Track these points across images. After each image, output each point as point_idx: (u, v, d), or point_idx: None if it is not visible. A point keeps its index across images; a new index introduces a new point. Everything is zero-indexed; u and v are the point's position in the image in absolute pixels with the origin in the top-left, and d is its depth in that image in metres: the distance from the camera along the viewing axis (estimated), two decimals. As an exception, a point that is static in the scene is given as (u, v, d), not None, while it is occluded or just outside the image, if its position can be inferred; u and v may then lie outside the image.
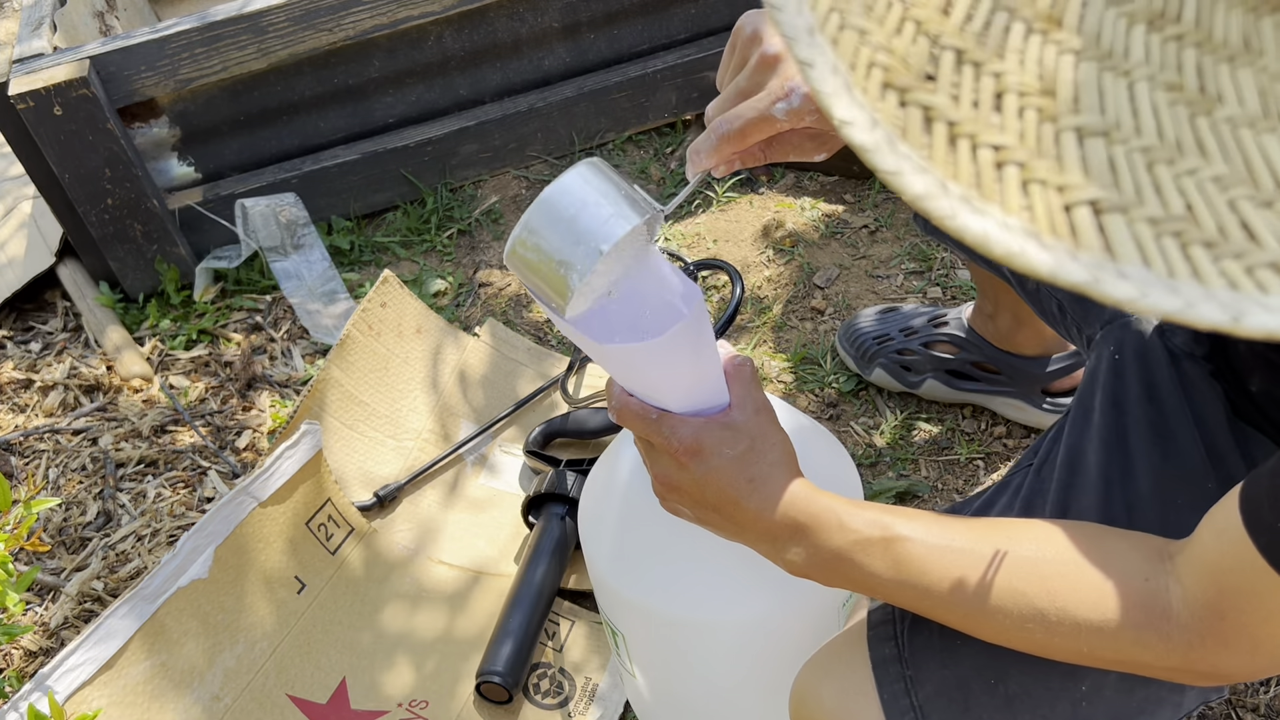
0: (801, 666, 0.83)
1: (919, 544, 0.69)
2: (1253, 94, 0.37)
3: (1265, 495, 0.59)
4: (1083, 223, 0.38)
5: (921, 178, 0.39)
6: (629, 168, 1.93)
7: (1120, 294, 0.37)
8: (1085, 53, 0.38)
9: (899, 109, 0.39)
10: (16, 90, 1.56)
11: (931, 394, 1.48)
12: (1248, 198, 0.37)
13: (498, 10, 1.79)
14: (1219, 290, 0.37)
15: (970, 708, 0.76)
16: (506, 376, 1.61)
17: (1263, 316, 0.36)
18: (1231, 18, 0.37)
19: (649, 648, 1.01)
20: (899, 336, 1.48)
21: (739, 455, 0.73)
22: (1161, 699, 0.78)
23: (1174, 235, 0.37)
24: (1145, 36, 0.38)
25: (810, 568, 0.73)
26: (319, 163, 1.82)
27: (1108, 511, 0.82)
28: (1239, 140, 0.37)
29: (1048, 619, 0.65)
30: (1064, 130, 0.38)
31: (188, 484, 1.57)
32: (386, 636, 1.33)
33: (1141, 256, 0.37)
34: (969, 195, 0.39)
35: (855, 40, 0.40)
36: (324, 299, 1.79)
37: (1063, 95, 0.38)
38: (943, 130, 0.39)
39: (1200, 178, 0.38)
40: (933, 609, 0.70)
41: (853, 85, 0.39)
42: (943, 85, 0.39)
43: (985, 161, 0.39)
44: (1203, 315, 0.36)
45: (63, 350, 1.79)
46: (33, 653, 1.40)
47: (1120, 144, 0.38)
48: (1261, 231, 0.37)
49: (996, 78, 0.39)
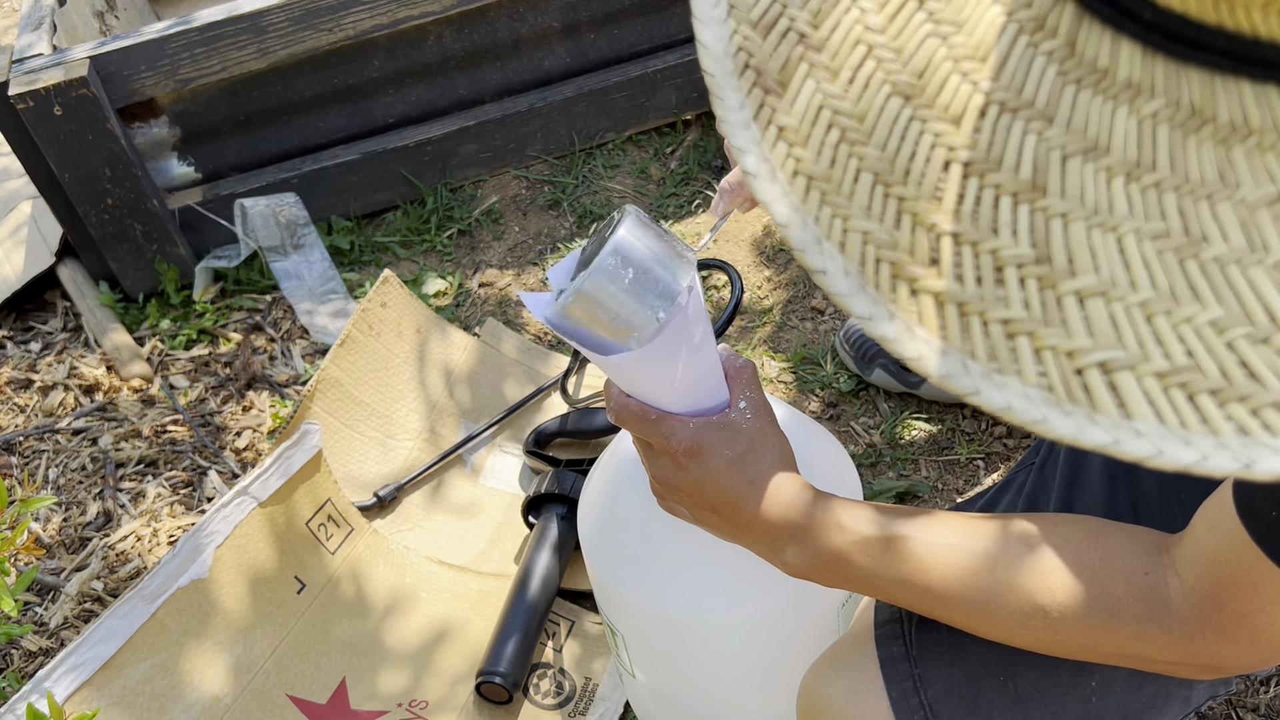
0: (809, 667, 0.83)
1: (919, 543, 0.69)
2: (1235, 229, 0.38)
3: (1259, 485, 0.59)
4: (1095, 385, 0.39)
5: (944, 360, 0.41)
6: (629, 167, 1.93)
7: (1139, 452, 0.38)
8: (1072, 214, 0.40)
9: (911, 299, 0.41)
10: (16, 90, 1.56)
11: (932, 394, 1.48)
12: (1245, 336, 0.38)
13: (498, 10, 1.79)
14: (1230, 439, 0.38)
15: (980, 705, 0.76)
16: (506, 376, 1.61)
17: (1274, 461, 0.37)
18: (1204, 154, 0.38)
19: (649, 648, 1.01)
20: None
21: (738, 456, 0.73)
22: (1171, 694, 0.78)
23: (1180, 386, 0.38)
24: (1125, 188, 0.39)
25: (809, 569, 0.73)
26: (319, 163, 1.82)
27: (1112, 508, 0.82)
28: (1229, 278, 0.38)
29: (1049, 616, 0.65)
30: (1065, 295, 0.40)
31: (188, 484, 1.57)
32: (386, 636, 1.33)
33: (1154, 412, 0.38)
34: (988, 371, 0.40)
35: (860, 242, 0.42)
36: (324, 299, 1.79)
37: (1058, 260, 0.40)
38: (953, 312, 0.41)
39: (1197, 323, 0.39)
40: (934, 608, 0.70)
41: (865, 284, 0.42)
42: (946, 269, 0.41)
43: (998, 336, 0.40)
44: (1218, 466, 0.38)
45: (63, 350, 1.79)
46: (33, 653, 1.40)
47: (1119, 300, 0.39)
48: (1262, 370, 0.38)
49: (994, 254, 0.40)
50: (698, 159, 1.92)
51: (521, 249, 1.84)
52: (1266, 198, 0.38)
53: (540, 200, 1.90)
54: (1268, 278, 0.38)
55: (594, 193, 1.90)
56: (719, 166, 1.91)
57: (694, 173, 1.90)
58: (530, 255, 1.83)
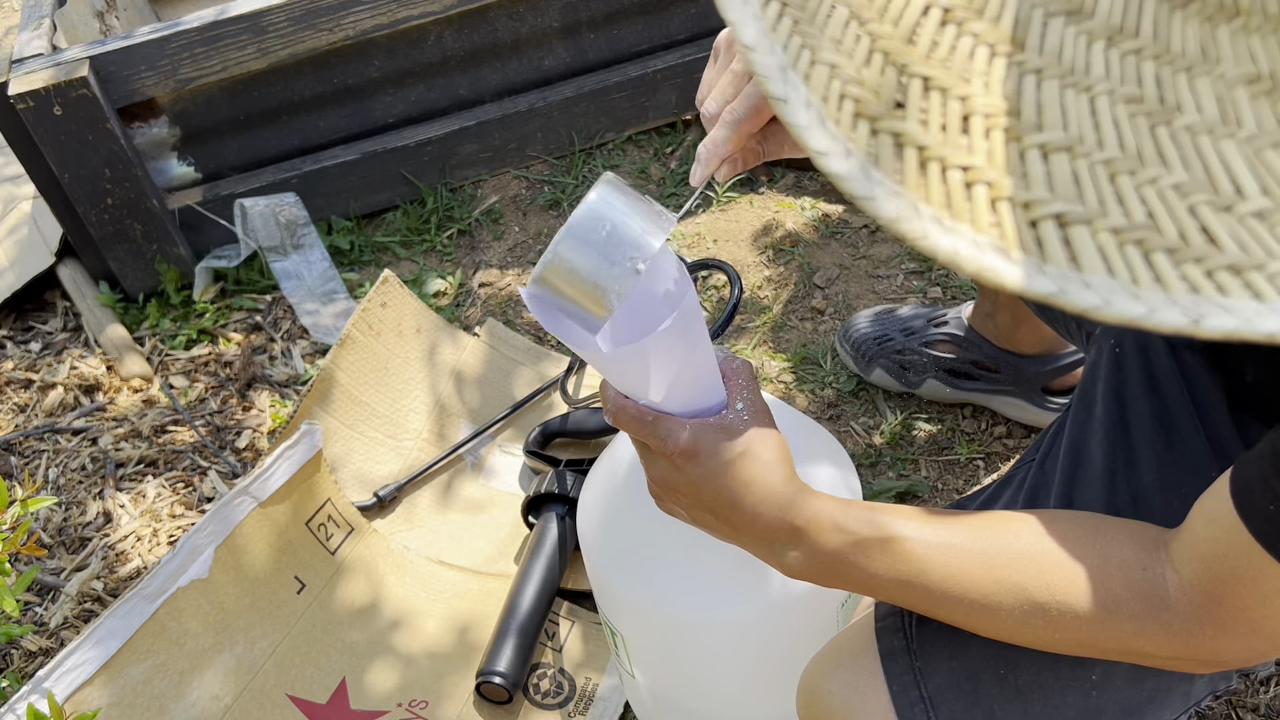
0: (808, 662, 0.83)
1: (917, 542, 0.69)
2: (1210, 101, 0.38)
3: (1256, 479, 0.59)
4: (1049, 236, 0.39)
5: (894, 202, 0.40)
6: (629, 167, 1.93)
7: (1085, 303, 0.38)
8: (1047, 71, 0.40)
9: (871, 137, 0.41)
10: (16, 90, 1.56)
11: (931, 394, 1.48)
12: (1208, 203, 0.38)
13: (498, 10, 1.79)
14: (1180, 295, 0.38)
15: (980, 699, 0.76)
16: (506, 376, 1.61)
17: (1222, 318, 0.37)
18: (1188, 28, 0.38)
19: (648, 647, 1.01)
20: (899, 337, 1.48)
21: (735, 458, 0.72)
22: (1171, 688, 0.78)
23: (1136, 243, 0.38)
24: (1105, 52, 0.39)
25: (808, 570, 0.73)
26: (319, 163, 1.82)
27: (1113, 502, 0.82)
28: (1198, 147, 0.38)
29: (1048, 613, 0.65)
30: (1029, 148, 0.40)
31: (188, 484, 1.57)
32: (387, 636, 1.33)
33: (1105, 266, 0.38)
34: (940, 216, 0.40)
35: (826, 75, 0.41)
36: (324, 299, 1.79)
37: (1027, 114, 0.40)
38: (913, 155, 0.41)
39: (1161, 186, 0.38)
40: (934, 608, 0.70)
41: (826, 118, 0.41)
42: (912, 112, 0.41)
43: (955, 183, 0.40)
44: (1164, 320, 0.37)
45: (63, 350, 1.79)
46: (33, 653, 1.40)
47: (1084, 158, 0.39)
48: (1221, 235, 0.38)
49: (963, 101, 0.40)
50: (698, 159, 1.92)
51: (521, 249, 1.84)
52: (1246, 76, 0.38)
53: (540, 200, 1.90)
54: (1238, 151, 0.38)
55: (594, 193, 1.90)
56: (719, 166, 1.91)
57: (694, 173, 1.90)
58: (530, 255, 1.83)
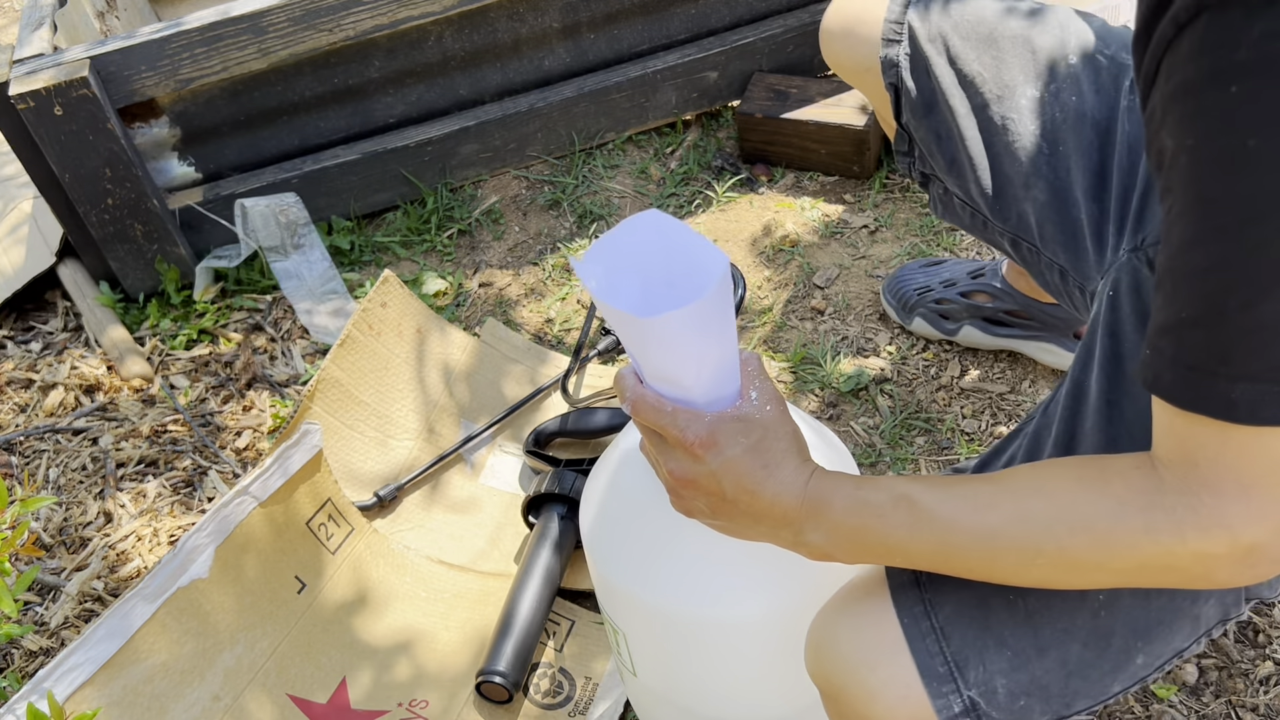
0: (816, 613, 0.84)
1: (929, 497, 0.71)
2: None
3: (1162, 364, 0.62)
4: None
5: None
6: (629, 168, 1.93)
7: None
8: None
9: None
10: (16, 90, 1.56)
11: (969, 340, 1.55)
12: None
13: (498, 10, 1.79)
14: None
15: (991, 625, 0.77)
16: (506, 376, 1.61)
17: None
18: None
19: (651, 646, 1.02)
20: (939, 288, 1.55)
21: (753, 445, 0.74)
22: (1179, 609, 0.79)
23: None
24: None
25: (832, 545, 0.75)
26: (319, 163, 1.82)
27: (1109, 432, 0.84)
28: None
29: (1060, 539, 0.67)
30: None
31: (188, 484, 1.57)
32: (386, 636, 1.33)
33: None
34: None
35: None
36: (324, 299, 1.79)
37: None
38: None
39: None
40: (949, 559, 0.72)
41: None
42: None
43: None
44: None
45: (63, 350, 1.79)
46: (33, 653, 1.40)
47: None
48: None
49: None
50: (697, 159, 1.92)
51: (521, 249, 1.85)
52: None
53: (540, 200, 1.91)
54: None
55: (594, 193, 1.90)
56: (718, 166, 1.91)
57: (694, 173, 1.90)
58: (530, 255, 1.83)
